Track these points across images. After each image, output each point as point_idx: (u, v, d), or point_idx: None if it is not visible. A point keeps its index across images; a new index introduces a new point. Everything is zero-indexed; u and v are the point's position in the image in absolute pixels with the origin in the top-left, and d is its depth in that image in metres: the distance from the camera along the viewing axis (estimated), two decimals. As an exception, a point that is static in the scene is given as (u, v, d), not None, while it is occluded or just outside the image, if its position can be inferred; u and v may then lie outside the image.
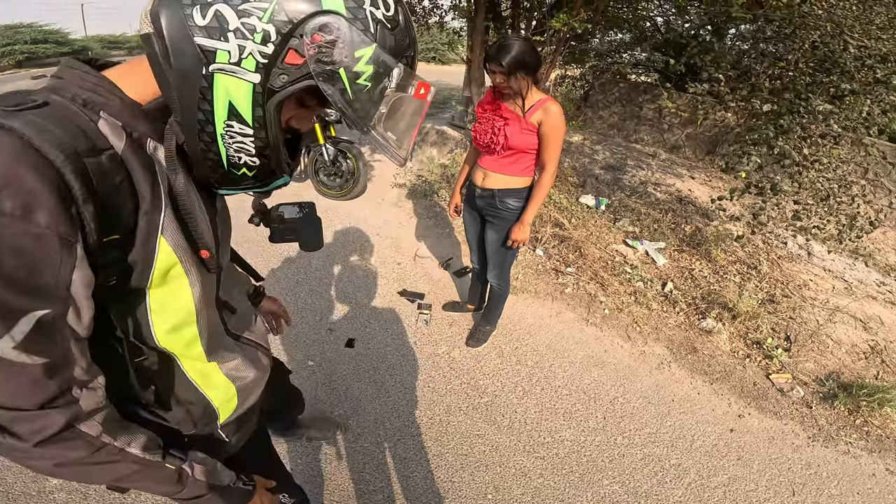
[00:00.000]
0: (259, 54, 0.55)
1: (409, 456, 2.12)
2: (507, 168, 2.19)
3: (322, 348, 2.70)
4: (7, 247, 0.51)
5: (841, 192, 3.22)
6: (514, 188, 2.22)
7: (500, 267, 2.51)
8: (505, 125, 2.09)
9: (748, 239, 4.32)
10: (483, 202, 2.34)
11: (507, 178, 2.21)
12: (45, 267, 0.54)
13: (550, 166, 2.11)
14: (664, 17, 6.54)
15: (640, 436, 2.32)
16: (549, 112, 2.00)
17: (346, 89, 0.58)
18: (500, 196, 2.24)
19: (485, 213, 2.38)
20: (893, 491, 2.20)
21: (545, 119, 2.01)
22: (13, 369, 0.56)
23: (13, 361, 0.55)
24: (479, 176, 2.31)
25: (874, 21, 2.99)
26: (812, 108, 3.06)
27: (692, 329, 3.14)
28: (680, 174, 6.16)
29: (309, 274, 3.41)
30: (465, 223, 2.63)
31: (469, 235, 2.64)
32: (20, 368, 0.56)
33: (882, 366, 3.00)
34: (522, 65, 1.89)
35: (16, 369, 0.56)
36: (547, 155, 2.09)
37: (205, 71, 0.56)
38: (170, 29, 0.54)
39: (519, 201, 2.24)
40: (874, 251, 4.63)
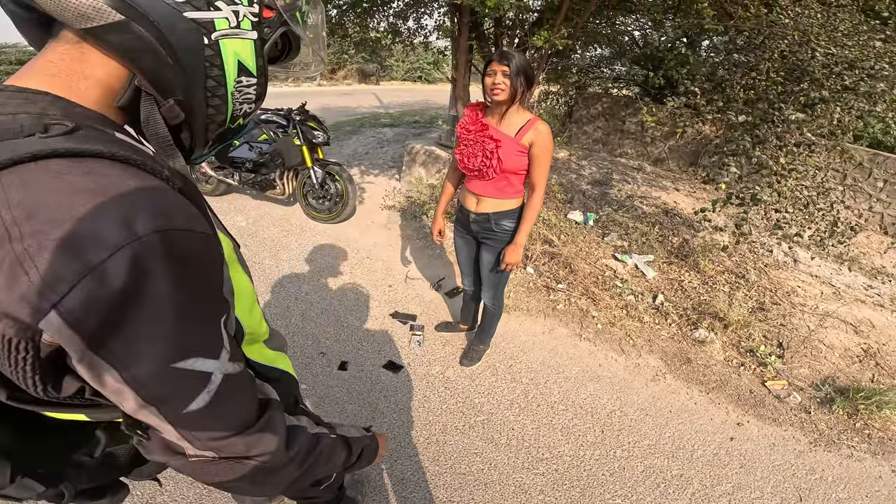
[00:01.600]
0: (251, 14, 0.61)
1: (407, 477, 2.09)
2: (501, 191, 2.15)
3: (314, 371, 2.67)
4: (206, 259, 0.51)
5: (820, 199, 3.27)
6: (508, 210, 2.20)
7: (496, 288, 2.49)
8: (497, 148, 2.03)
9: (734, 249, 4.38)
10: (478, 227, 2.30)
11: (501, 201, 2.18)
12: (219, 268, 0.55)
13: (540, 187, 2.08)
14: (641, 32, 6.70)
15: (639, 448, 2.31)
16: (539, 132, 1.98)
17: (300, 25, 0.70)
18: (496, 219, 2.22)
19: (480, 237, 2.35)
20: (899, 492, 2.20)
21: (536, 139, 1.98)
22: (238, 382, 0.55)
23: (233, 374, 0.54)
24: (471, 201, 2.26)
25: (839, 28, 3.07)
26: (785, 117, 3.12)
27: (685, 340, 3.15)
28: (665, 187, 6.24)
29: (299, 298, 3.38)
30: (456, 247, 2.58)
31: (461, 259, 2.60)
32: (239, 380, 0.55)
33: (877, 368, 3.02)
34: (525, 73, 1.90)
35: (239, 382, 0.55)
36: (536, 175, 2.06)
37: (207, 41, 0.58)
38: (154, 10, 0.52)
39: (514, 221, 2.22)
40: (859, 255, 4.71)
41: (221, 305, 0.54)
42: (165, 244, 0.45)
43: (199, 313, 0.50)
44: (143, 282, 0.44)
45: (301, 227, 4.60)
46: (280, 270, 3.76)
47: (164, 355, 0.47)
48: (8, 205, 0.41)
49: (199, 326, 0.51)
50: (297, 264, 3.88)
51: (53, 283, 0.40)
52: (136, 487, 1.95)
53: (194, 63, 0.58)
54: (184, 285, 0.47)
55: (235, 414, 0.56)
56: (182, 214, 0.49)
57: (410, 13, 5.26)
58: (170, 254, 0.46)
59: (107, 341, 0.43)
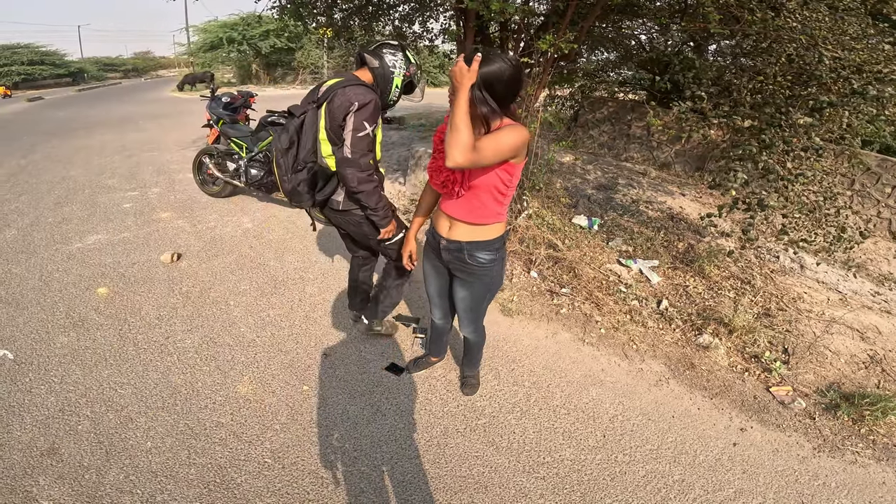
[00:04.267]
0: (403, 74, 2.29)
1: (408, 479, 2.09)
2: (475, 214, 1.84)
3: (317, 373, 2.68)
4: (373, 107, 2.13)
5: (827, 205, 3.25)
6: (485, 240, 1.89)
7: (476, 322, 2.25)
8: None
9: (740, 254, 4.35)
10: (449, 255, 2.00)
11: (476, 228, 1.87)
12: (378, 116, 2.20)
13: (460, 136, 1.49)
14: (647, 36, 6.69)
15: (641, 453, 2.30)
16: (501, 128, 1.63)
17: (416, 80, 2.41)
18: (469, 249, 1.91)
19: (452, 268, 2.07)
20: (904, 498, 2.17)
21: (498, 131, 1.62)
22: (367, 140, 2.13)
23: (372, 137, 2.17)
24: (443, 225, 1.97)
25: (847, 31, 3.04)
26: (793, 122, 3.10)
27: (689, 345, 3.14)
28: (670, 192, 6.22)
29: (304, 300, 3.40)
30: (424, 274, 2.27)
31: (430, 289, 2.29)
32: (367, 139, 2.13)
33: (882, 375, 2.99)
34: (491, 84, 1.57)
35: (366, 140, 2.13)
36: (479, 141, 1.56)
37: (392, 77, 2.26)
38: (382, 67, 2.24)
39: (492, 254, 1.92)
40: (866, 261, 4.67)
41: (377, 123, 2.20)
42: (374, 101, 2.13)
43: (372, 120, 2.13)
44: (372, 107, 2.11)
45: (306, 229, 4.62)
46: (285, 272, 3.78)
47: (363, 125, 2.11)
48: (352, 92, 2.10)
49: (370, 122, 2.12)
50: (302, 266, 3.90)
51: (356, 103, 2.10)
52: (135, 486, 1.96)
53: (385, 81, 2.26)
54: (374, 113, 2.14)
55: (367, 147, 2.16)
56: (377, 101, 2.16)
57: (416, 17, 5.29)
58: (375, 105, 2.14)
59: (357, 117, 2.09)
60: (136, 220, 4.72)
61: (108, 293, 3.36)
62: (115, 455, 2.12)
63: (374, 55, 2.22)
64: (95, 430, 2.24)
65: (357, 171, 2.13)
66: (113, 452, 2.13)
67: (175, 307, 3.24)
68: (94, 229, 4.46)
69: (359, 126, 2.07)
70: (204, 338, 2.94)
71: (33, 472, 2.02)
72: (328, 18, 5.12)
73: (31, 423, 2.26)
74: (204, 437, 2.24)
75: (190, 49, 27.39)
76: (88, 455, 2.11)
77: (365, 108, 2.07)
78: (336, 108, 2.09)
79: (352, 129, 2.07)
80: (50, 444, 2.15)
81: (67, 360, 2.69)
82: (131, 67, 39.88)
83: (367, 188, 2.19)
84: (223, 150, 5.05)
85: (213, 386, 2.56)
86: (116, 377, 2.58)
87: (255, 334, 3.00)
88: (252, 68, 24.92)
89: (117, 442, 2.18)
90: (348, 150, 2.10)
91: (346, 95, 2.08)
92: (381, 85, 2.24)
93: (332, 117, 2.10)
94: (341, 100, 2.08)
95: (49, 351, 2.76)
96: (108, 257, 3.90)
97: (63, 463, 2.07)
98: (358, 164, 2.12)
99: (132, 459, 2.10)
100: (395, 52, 2.25)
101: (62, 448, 2.14)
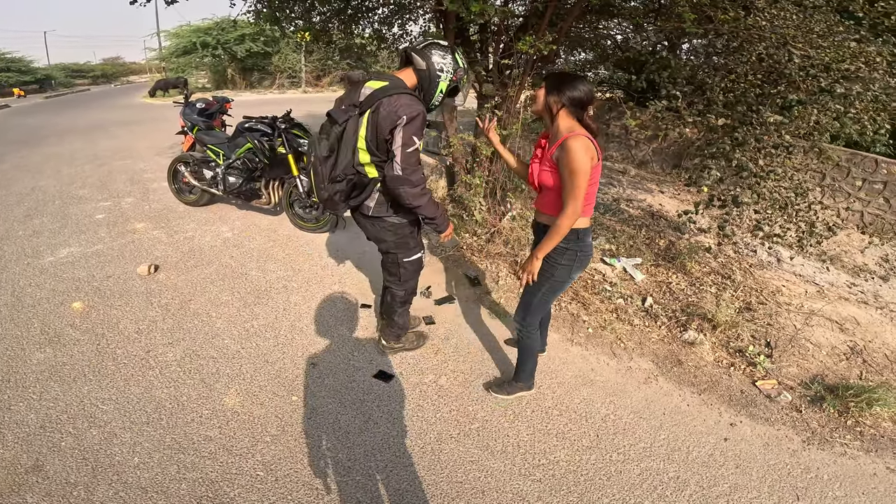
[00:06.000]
0: (449, 79, 2.21)
1: (404, 487, 2.06)
2: (547, 206, 2.11)
3: (305, 383, 2.63)
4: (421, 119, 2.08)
5: (798, 200, 3.32)
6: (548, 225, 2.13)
7: (525, 308, 2.35)
8: (534, 162, 2.11)
9: (719, 250, 4.43)
10: (537, 237, 2.32)
11: (549, 216, 2.10)
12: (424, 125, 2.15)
13: (567, 206, 1.92)
14: (623, 36, 6.76)
15: (634, 451, 2.31)
16: (564, 149, 1.90)
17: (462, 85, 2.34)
18: (542, 231, 2.18)
19: None
20: (898, 489, 2.22)
21: (561, 156, 1.91)
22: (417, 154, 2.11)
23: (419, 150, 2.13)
24: (535, 211, 2.29)
25: (814, 29, 3.11)
26: (763, 120, 3.16)
27: (675, 342, 3.17)
28: (650, 189, 6.31)
29: (288, 309, 3.34)
30: None
31: None
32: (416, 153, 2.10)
33: (864, 365, 3.07)
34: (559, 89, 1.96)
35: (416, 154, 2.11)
36: (564, 192, 1.94)
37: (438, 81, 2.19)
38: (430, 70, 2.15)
39: (563, 242, 2.06)
40: (840, 253, 4.79)
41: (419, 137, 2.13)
42: (422, 113, 2.09)
43: (420, 133, 2.11)
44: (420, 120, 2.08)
45: (288, 237, 4.55)
46: (268, 281, 3.71)
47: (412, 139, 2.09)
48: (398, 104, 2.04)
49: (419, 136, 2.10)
50: (285, 274, 3.83)
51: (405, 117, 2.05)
52: (125, 503, 1.90)
53: (430, 84, 2.19)
54: (422, 125, 2.11)
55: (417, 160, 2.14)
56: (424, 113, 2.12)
57: (395, 19, 5.25)
58: (423, 117, 2.11)
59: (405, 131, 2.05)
60: (109, 232, 4.58)
61: (83, 308, 3.26)
62: (102, 471, 2.05)
63: (423, 55, 2.12)
64: (79, 446, 2.17)
65: (410, 187, 2.11)
66: (99, 469, 2.06)
67: (154, 320, 3.15)
68: (67, 242, 4.32)
69: (408, 141, 2.02)
70: (186, 351, 2.86)
71: (20, 489, 1.95)
72: (306, 22, 5.05)
73: (12, 440, 2.18)
74: (192, 451, 2.18)
75: (162, 54, 26.83)
76: (75, 472, 2.04)
77: (413, 121, 2.01)
78: (382, 120, 2.02)
79: (401, 145, 2.02)
80: (34, 461, 2.08)
81: (45, 377, 2.60)
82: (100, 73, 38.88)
83: (423, 202, 2.20)
84: (199, 157, 4.94)
85: (198, 399, 2.49)
86: (97, 393, 2.50)
87: (239, 346, 2.93)
88: (228, 73, 24.51)
89: (103, 458, 2.11)
90: (399, 167, 2.05)
91: (394, 107, 2.00)
92: (425, 88, 2.17)
93: (378, 129, 2.05)
94: (388, 111, 2.01)
95: (26, 367, 2.66)
96: (82, 271, 3.78)
97: (49, 480, 2.00)
98: (410, 181, 2.10)
99: (120, 475, 2.03)
100: (445, 53, 2.16)
101: (47, 465, 2.07)
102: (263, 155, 4.50)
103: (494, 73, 4.34)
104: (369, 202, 2.33)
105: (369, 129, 2.10)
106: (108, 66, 43.61)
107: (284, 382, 2.64)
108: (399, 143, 2.04)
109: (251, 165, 4.64)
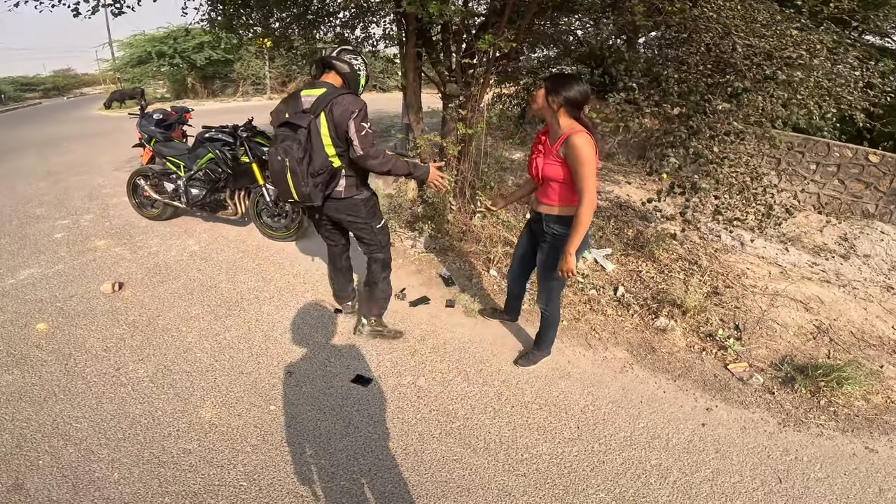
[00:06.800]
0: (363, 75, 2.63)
1: (389, 490, 2.05)
2: (549, 196, 2.37)
3: (283, 391, 2.59)
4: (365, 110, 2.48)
5: (754, 185, 3.43)
6: (556, 214, 2.38)
7: (549, 292, 2.63)
8: (537, 157, 2.36)
9: (684, 237, 4.54)
10: (535, 225, 2.55)
11: (549, 206, 2.38)
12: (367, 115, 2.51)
13: (584, 197, 2.16)
14: (583, 31, 6.87)
15: (615, 440, 2.34)
16: (569, 145, 2.13)
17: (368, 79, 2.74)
18: (546, 221, 2.42)
19: (537, 236, 2.57)
20: (879, 468, 2.28)
21: (568, 153, 2.15)
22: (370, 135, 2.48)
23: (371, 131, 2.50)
24: (533, 201, 2.56)
25: (756, 19, 3.22)
26: (714, 108, 3.26)
27: (648, 329, 3.24)
28: (617, 181, 6.43)
29: (261, 319, 3.28)
30: (518, 239, 2.95)
31: (517, 250, 2.90)
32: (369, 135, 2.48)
33: (831, 344, 3.17)
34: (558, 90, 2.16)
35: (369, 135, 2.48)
36: (578, 185, 2.18)
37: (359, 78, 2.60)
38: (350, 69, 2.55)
39: (564, 227, 2.34)
40: (800, 234, 4.97)
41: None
42: (365, 105, 2.49)
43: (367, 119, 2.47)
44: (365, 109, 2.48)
45: (258, 247, 4.47)
46: (238, 293, 3.64)
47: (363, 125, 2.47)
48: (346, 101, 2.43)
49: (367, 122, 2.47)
50: (257, 285, 3.77)
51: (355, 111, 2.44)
52: None
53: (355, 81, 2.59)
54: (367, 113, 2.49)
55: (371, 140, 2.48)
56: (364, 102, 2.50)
57: (357, 23, 5.22)
58: (366, 107, 2.48)
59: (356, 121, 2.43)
60: (69, 251, 4.42)
61: (47, 328, 3.13)
62: (83, 488, 2.00)
63: (343, 61, 2.56)
64: (58, 464, 2.12)
65: (373, 160, 2.52)
66: (80, 486, 2.01)
67: (122, 338, 3.06)
68: (26, 263, 4.15)
69: (360, 128, 2.45)
70: (158, 366, 2.79)
71: None
72: (264, 28, 4.97)
73: (-11, 460, 2.11)
74: (172, 465, 2.13)
75: (116, 65, 25.94)
76: (56, 489, 2.00)
77: (361, 112, 2.46)
78: (339, 117, 2.44)
79: (356, 132, 2.45)
80: (13, 480, 2.03)
81: (15, 398, 2.51)
82: (52, 86, 37.42)
83: (390, 167, 2.62)
84: (159, 170, 4.80)
85: (173, 413, 2.43)
86: (69, 411, 2.42)
87: (212, 358, 2.87)
88: (188, 82, 23.88)
89: (82, 475, 2.06)
90: (359, 149, 2.47)
91: (344, 105, 2.44)
92: (351, 86, 2.60)
93: (338, 125, 2.46)
94: (341, 109, 2.44)
95: (-7, 391, 2.57)
96: (44, 292, 3.63)
97: (31, 498, 1.96)
98: (371, 156, 2.51)
99: (101, 492, 1.99)
100: (356, 55, 2.63)
101: (27, 483, 2.02)
102: (226, 165, 4.40)
103: (458, 72, 4.35)
104: (339, 188, 2.67)
105: (330, 126, 2.48)
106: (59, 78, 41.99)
107: (261, 392, 2.59)
108: (354, 131, 2.45)
109: (214, 176, 4.52)
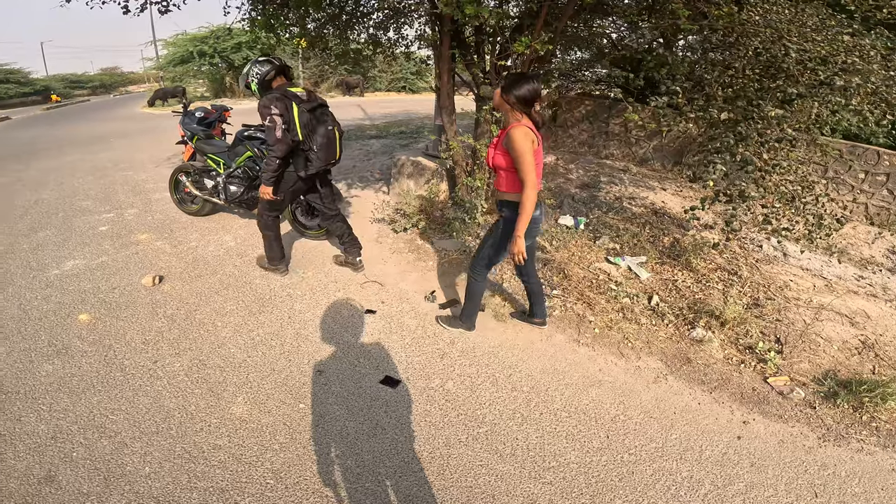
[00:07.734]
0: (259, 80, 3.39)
1: (414, 492, 2.04)
2: (499, 183, 2.65)
3: (312, 390, 2.62)
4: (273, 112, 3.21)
5: (805, 193, 3.30)
6: (506, 200, 2.63)
7: (483, 259, 2.91)
8: (490, 148, 2.65)
9: (725, 246, 4.40)
10: (499, 212, 2.76)
11: (500, 192, 2.66)
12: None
13: (524, 185, 2.43)
14: (618, 34, 6.74)
15: (646, 451, 2.29)
16: (509, 137, 2.42)
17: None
18: (500, 206, 2.72)
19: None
20: (919, 484, 2.18)
21: (508, 144, 2.43)
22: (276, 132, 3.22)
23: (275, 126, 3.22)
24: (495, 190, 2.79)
25: (807, 24, 3.10)
26: (764, 114, 3.15)
27: (683, 340, 3.15)
28: (652, 186, 6.28)
29: (293, 317, 3.33)
30: None
31: None
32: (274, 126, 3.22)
33: (876, 360, 3.03)
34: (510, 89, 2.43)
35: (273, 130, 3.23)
36: (519, 175, 2.45)
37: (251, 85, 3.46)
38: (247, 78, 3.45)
39: (512, 212, 2.57)
40: (847, 246, 4.76)
41: None
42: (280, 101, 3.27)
43: None
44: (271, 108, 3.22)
45: (291, 245, 4.55)
46: (271, 289, 3.70)
47: None
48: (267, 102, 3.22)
49: None
50: (290, 283, 3.83)
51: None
52: None
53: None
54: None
55: None
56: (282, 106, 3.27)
57: (391, 24, 5.25)
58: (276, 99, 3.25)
59: None
60: (113, 244, 4.59)
61: (89, 319, 3.25)
62: (114, 481, 2.05)
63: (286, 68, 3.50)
64: (91, 456, 2.17)
65: None
66: (111, 479, 2.06)
67: (160, 331, 3.15)
68: (71, 254, 4.32)
69: None
70: (193, 360, 2.86)
71: (33, 500, 1.95)
72: (301, 29, 5.05)
73: (24, 451, 2.18)
74: (202, 460, 2.17)
75: (159, 63, 26.85)
76: (87, 482, 2.04)
77: None
78: None
79: None
80: (46, 472, 2.08)
81: (54, 388, 2.60)
82: (99, 84, 38.98)
83: None
84: (200, 167, 4.94)
85: (206, 408, 2.48)
86: (106, 403, 2.50)
87: (245, 354, 2.92)
88: (226, 81, 24.54)
89: (115, 468, 2.11)
90: None
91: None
92: None
93: None
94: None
95: (34, 380, 2.66)
96: (88, 283, 3.78)
97: (62, 490, 2.00)
98: None
99: (132, 486, 2.03)
100: None
101: (59, 475, 2.07)
102: (264, 163, 4.50)
103: (492, 74, 4.33)
104: None
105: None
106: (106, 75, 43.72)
107: (291, 390, 2.63)
108: None
109: (252, 174, 4.63)
